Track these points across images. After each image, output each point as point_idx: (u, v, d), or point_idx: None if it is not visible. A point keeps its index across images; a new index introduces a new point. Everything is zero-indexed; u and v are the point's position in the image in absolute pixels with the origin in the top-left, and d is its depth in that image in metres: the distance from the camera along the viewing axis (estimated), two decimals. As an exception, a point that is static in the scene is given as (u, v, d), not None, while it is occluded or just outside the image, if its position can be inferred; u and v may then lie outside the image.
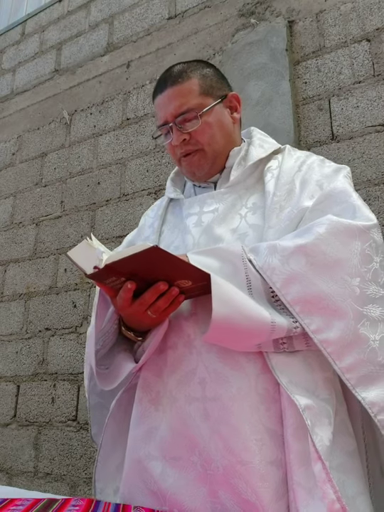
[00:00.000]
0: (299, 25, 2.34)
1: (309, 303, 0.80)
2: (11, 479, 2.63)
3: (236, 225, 0.95)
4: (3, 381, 2.85)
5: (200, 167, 1.03)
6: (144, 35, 2.93)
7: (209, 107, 1.01)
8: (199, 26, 2.69)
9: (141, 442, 0.89)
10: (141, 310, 0.82)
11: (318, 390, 0.82)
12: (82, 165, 2.97)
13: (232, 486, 0.78)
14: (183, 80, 1.01)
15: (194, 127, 1.00)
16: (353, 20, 2.20)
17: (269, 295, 0.82)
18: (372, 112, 2.04)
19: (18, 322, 2.91)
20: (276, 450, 0.79)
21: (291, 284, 0.80)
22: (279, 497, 0.77)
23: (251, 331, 0.79)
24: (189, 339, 0.88)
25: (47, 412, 2.61)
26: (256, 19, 2.44)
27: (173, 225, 1.06)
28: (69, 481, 2.42)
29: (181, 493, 0.82)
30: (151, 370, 0.92)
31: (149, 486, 0.85)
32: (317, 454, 0.74)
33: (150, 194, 2.60)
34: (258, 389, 0.82)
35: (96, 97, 3.04)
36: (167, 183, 1.15)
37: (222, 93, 1.05)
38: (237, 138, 1.08)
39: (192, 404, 0.84)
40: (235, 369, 0.83)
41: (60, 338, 2.69)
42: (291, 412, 0.78)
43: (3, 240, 3.20)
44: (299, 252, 0.82)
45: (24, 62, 3.58)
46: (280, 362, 0.81)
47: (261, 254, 0.84)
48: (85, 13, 3.31)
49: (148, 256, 0.73)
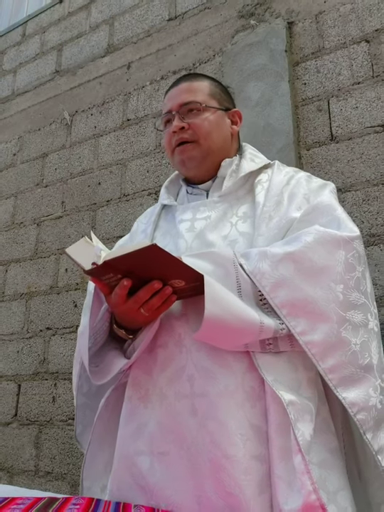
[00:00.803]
0: (298, 26, 2.35)
1: (296, 306, 0.84)
2: (11, 478, 2.64)
3: (227, 232, 0.99)
4: (4, 380, 2.86)
5: (191, 158, 1.08)
6: (144, 37, 2.94)
7: (213, 106, 1.09)
8: (199, 27, 2.69)
9: (130, 439, 0.91)
10: (135, 307, 0.84)
11: (302, 388, 0.86)
12: (83, 165, 2.98)
13: (218, 480, 0.81)
14: (196, 80, 1.12)
15: (195, 119, 1.06)
16: (352, 22, 2.20)
17: (257, 298, 0.86)
18: (371, 112, 2.05)
19: (19, 321, 2.92)
20: (260, 445, 0.83)
21: (280, 288, 0.85)
22: (262, 490, 0.80)
23: (240, 331, 0.83)
24: (179, 338, 0.91)
25: (48, 411, 2.62)
26: (255, 20, 2.44)
27: (165, 231, 1.09)
28: (70, 479, 2.43)
29: (168, 487, 0.84)
30: (140, 369, 0.95)
31: (137, 480, 0.88)
32: (298, 446, 0.78)
33: (150, 194, 2.61)
34: (244, 386, 0.86)
35: (96, 97, 3.05)
36: (161, 191, 1.19)
37: (228, 105, 1.14)
38: (231, 150, 1.13)
39: (181, 400, 0.87)
40: (223, 367, 0.86)
41: (61, 337, 2.70)
42: (275, 408, 0.82)
43: (4, 240, 3.21)
44: (287, 258, 0.87)
45: (25, 63, 3.58)
46: (266, 361, 0.85)
47: (251, 260, 0.88)
48: (86, 14, 3.31)
49: (146, 254, 0.75)
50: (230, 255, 0.89)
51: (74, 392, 1.09)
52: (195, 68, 2.65)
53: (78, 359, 1.04)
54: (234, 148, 1.15)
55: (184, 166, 1.10)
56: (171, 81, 2.71)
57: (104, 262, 0.76)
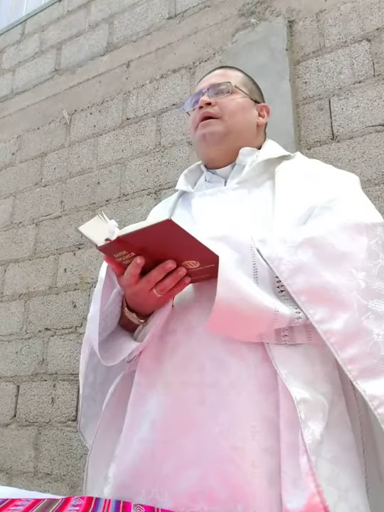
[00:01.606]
0: (299, 25, 2.34)
1: (315, 293, 0.81)
2: (10, 479, 2.63)
3: (244, 218, 0.96)
4: (3, 381, 2.85)
5: (213, 132, 1.06)
6: (144, 35, 2.93)
7: (241, 89, 1.10)
8: (199, 26, 2.69)
9: (135, 426, 0.90)
10: (147, 288, 0.82)
11: (318, 383, 0.83)
12: (82, 165, 2.97)
13: (223, 471, 0.79)
14: (231, 69, 1.17)
15: (223, 98, 1.07)
16: (353, 20, 2.20)
17: (274, 285, 0.83)
18: (372, 111, 2.04)
19: (17, 322, 2.91)
20: (271, 438, 0.80)
21: (298, 274, 0.82)
22: (271, 484, 0.77)
23: (253, 318, 0.80)
24: (190, 325, 0.88)
25: (47, 413, 2.60)
26: (256, 19, 2.43)
27: (180, 217, 1.07)
28: (69, 481, 2.42)
29: (171, 476, 0.82)
30: (149, 355, 0.92)
31: (140, 468, 0.86)
32: (304, 447, 0.75)
33: (150, 194, 2.60)
34: (257, 377, 0.83)
35: (96, 96, 3.04)
36: (180, 178, 1.18)
37: (258, 99, 1.16)
38: (254, 140, 1.12)
39: (188, 389, 0.85)
40: (237, 357, 0.84)
41: (60, 338, 2.69)
42: (286, 402, 0.79)
43: (2, 240, 3.20)
44: (307, 243, 0.84)
45: (24, 61, 3.58)
46: (281, 353, 0.82)
47: (269, 245, 0.85)
48: (85, 12, 3.31)
49: (161, 230, 0.72)
50: (246, 240, 0.86)
51: (80, 380, 1.07)
52: (195, 67, 2.64)
53: (87, 346, 1.02)
54: (258, 140, 1.14)
55: (205, 140, 1.08)
56: (171, 80, 2.70)
57: (118, 237, 0.74)
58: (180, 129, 2.60)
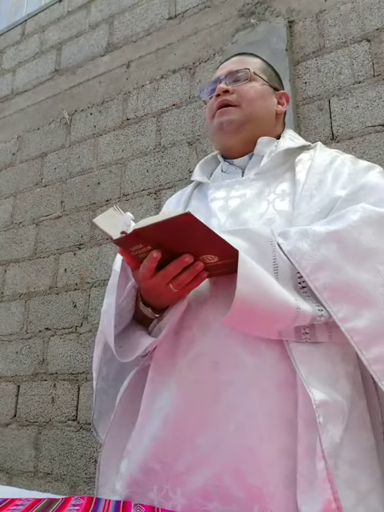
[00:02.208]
0: (299, 25, 2.34)
1: (338, 290, 0.78)
2: (11, 479, 2.63)
3: (263, 210, 0.92)
4: (4, 381, 2.85)
5: (230, 121, 1.03)
6: (144, 36, 2.93)
7: (260, 76, 1.06)
8: (199, 26, 2.69)
9: (148, 422, 0.88)
10: (164, 282, 0.80)
11: (339, 383, 0.80)
12: (82, 165, 2.97)
13: (239, 471, 0.77)
14: (249, 55, 1.12)
15: (241, 85, 1.04)
16: (352, 21, 2.20)
17: (295, 281, 0.80)
18: (372, 112, 2.04)
19: (18, 322, 2.91)
20: (289, 439, 0.76)
21: (321, 270, 0.78)
22: (288, 485, 0.75)
23: (274, 315, 0.77)
24: (205, 321, 0.86)
25: (47, 412, 2.61)
26: (256, 19, 2.44)
27: (196, 210, 1.03)
28: (69, 480, 2.42)
29: (184, 474, 0.81)
30: (164, 351, 0.90)
31: (152, 465, 0.84)
32: (322, 453, 0.72)
33: (150, 194, 2.60)
34: (276, 376, 0.80)
35: (96, 97, 3.04)
36: (195, 168, 1.15)
37: (277, 86, 1.11)
38: (273, 129, 1.08)
39: (201, 386, 0.83)
40: (254, 354, 0.81)
41: (60, 338, 2.69)
42: (306, 403, 0.76)
43: (3, 240, 3.20)
44: (330, 238, 0.80)
45: (24, 62, 3.58)
46: (301, 352, 0.79)
47: (290, 239, 0.81)
48: (85, 13, 3.31)
49: (179, 223, 0.70)
50: (267, 233, 0.82)
51: (94, 374, 1.04)
52: (195, 67, 2.64)
53: (101, 339, 1.00)
54: (277, 130, 1.09)
55: (222, 129, 1.05)
56: (171, 80, 2.70)
57: (134, 230, 0.72)
58: (180, 129, 2.60)
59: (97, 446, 2.37)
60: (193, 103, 2.59)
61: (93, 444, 2.39)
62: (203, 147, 2.46)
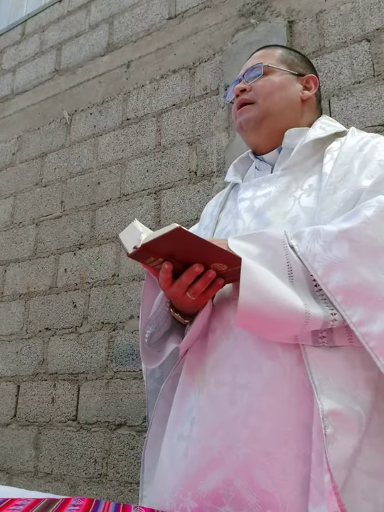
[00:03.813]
0: (299, 25, 2.34)
1: (352, 292, 0.74)
2: (11, 479, 2.63)
3: (288, 208, 0.89)
4: (3, 381, 2.85)
5: (248, 120, 1.01)
6: (144, 36, 2.93)
7: (276, 67, 1.03)
8: (199, 26, 2.69)
9: (177, 423, 0.88)
10: (181, 292, 0.80)
11: (357, 390, 0.76)
12: (82, 165, 2.97)
13: (251, 476, 0.75)
14: (269, 48, 1.10)
15: (258, 81, 1.02)
16: (353, 21, 2.20)
17: (311, 284, 0.76)
18: (372, 112, 2.04)
19: (18, 322, 2.91)
20: (306, 445, 0.74)
21: (333, 272, 0.74)
22: (302, 492, 0.72)
23: (282, 321, 0.74)
24: (228, 324, 0.85)
25: (47, 412, 2.61)
26: (256, 19, 2.44)
27: (228, 211, 1.03)
28: (69, 480, 2.42)
29: (195, 476, 0.80)
30: (194, 353, 0.91)
31: (174, 465, 0.84)
32: (327, 465, 0.69)
33: (150, 194, 2.60)
34: (292, 380, 0.77)
35: (96, 97, 3.04)
36: (229, 168, 1.13)
37: (302, 71, 1.06)
38: (300, 117, 1.03)
39: (221, 388, 0.82)
40: (270, 358, 0.79)
41: (60, 338, 2.69)
42: (318, 410, 0.73)
43: (3, 240, 3.20)
44: (342, 237, 0.76)
45: (24, 62, 3.58)
46: (317, 356, 0.75)
47: (303, 240, 0.78)
48: (85, 13, 3.31)
49: (175, 237, 0.72)
50: (280, 236, 0.80)
51: (144, 376, 1.06)
52: (195, 67, 2.64)
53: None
54: (307, 117, 1.04)
55: (242, 129, 1.03)
56: (171, 80, 2.70)
57: (142, 245, 0.75)
58: (180, 129, 2.60)
59: (96, 447, 2.38)
60: (193, 103, 2.59)
61: (93, 444, 2.40)
62: (203, 147, 2.45)
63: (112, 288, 2.58)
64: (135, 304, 2.46)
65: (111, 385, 2.42)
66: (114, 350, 2.46)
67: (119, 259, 2.60)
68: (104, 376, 2.46)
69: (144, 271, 2.47)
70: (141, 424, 2.27)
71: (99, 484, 2.31)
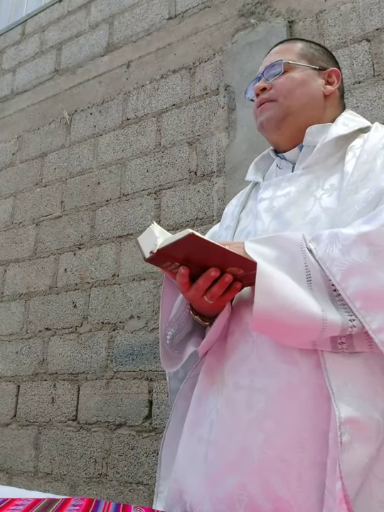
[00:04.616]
0: (299, 25, 2.34)
1: (371, 298, 0.72)
2: (11, 479, 2.63)
3: (309, 208, 0.87)
4: (4, 381, 2.85)
5: (269, 118, 0.98)
6: (144, 36, 2.93)
7: (296, 63, 0.99)
8: (199, 26, 2.69)
9: (196, 424, 0.87)
10: (198, 295, 0.79)
11: (377, 397, 0.74)
12: (82, 165, 2.97)
13: (266, 481, 0.74)
14: (288, 42, 1.06)
15: (278, 78, 0.98)
16: (352, 21, 2.20)
17: (330, 288, 0.75)
18: (372, 112, 2.04)
19: (18, 322, 2.91)
20: (321, 452, 0.72)
21: (352, 277, 0.72)
22: (316, 500, 0.71)
23: (298, 327, 0.73)
24: (247, 327, 0.84)
25: (47, 412, 2.61)
26: (256, 19, 2.44)
27: (249, 211, 1.01)
28: (69, 480, 2.42)
29: (210, 479, 0.79)
30: (214, 355, 0.90)
31: (195, 467, 0.84)
32: (340, 473, 0.67)
33: (150, 194, 2.60)
34: (310, 385, 0.76)
35: (96, 97, 3.04)
36: (250, 167, 1.10)
37: (323, 65, 1.02)
38: (323, 113, 0.99)
39: (239, 391, 0.81)
40: (288, 362, 0.78)
41: (60, 338, 2.69)
42: (334, 417, 0.71)
43: (3, 240, 3.20)
44: (361, 240, 0.73)
45: (24, 62, 3.58)
46: (335, 362, 0.74)
47: (322, 244, 0.76)
48: (85, 13, 3.31)
49: (189, 243, 0.72)
50: (298, 239, 0.78)
51: (167, 377, 1.06)
52: (195, 67, 2.64)
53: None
54: (330, 112, 1.00)
55: (263, 128, 1.00)
56: (171, 80, 2.70)
57: (158, 250, 0.74)
58: (180, 129, 2.60)
59: (96, 447, 2.38)
60: (193, 103, 2.59)
61: (93, 444, 2.39)
62: (203, 147, 2.45)
63: (111, 288, 2.58)
64: (135, 304, 2.46)
65: (111, 385, 2.42)
66: (114, 350, 2.46)
67: (119, 259, 2.60)
68: (104, 376, 2.46)
69: (144, 271, 2.48)
70: (141, 424, 2.27)
71: (99, 484, 2.31)
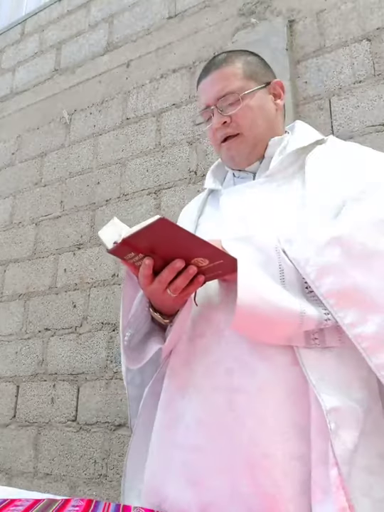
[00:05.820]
0: (299, 24, 2.34)
1: (344, 295, 0.76)
2: (10, 480, 2.63)
3: (273, 213, 0.91)
4: (3, 381, 2.84)
5: (239, 152, 1.01)
6: (144, 35, 2.92)
7: (251, 90, 1.00)
8: (199, 26, 2.68)
9: (166, 429, 0.88)
10: (161, 288, 0.80)
11: (352, 388, 0.78)
12: (82, 165, 2.96)
13: (253, 478, 0.76)
14: (226, 64, 1.02)
15: (235, 110, 0.99)
16: (353, 20, 2.19)
17: (302, 286, 0.78)
18: (372, 111, 2.04)
19: (17, 322, 2.91)
20: (303, 446, 0.76)
21: (325, 276, 0.76)
22: (302, 492, 0.74)
23: (279, 321, 0.76)
24: (218, 328, 0.86)
25: (46, 413, 2.60)
26: (256, 18, 2.43)
27: (209, 216, 1.04)
28: (69, 481, 2.41)
29: (200, 483, 0.80)
30: (179, 359, 0.90)
31: (172, 473, 0.84)
32: (335, 459, 0.70)
33: (150, 194, 2.60)
34: (287, 381, 0.79)
35: (96, 96, 3.04)
36: (207, 175, 1.13)
37: (267, 79, 1.05)
38: (278, 126, 1.06)
39: (217, 394, 0.82)
40: (264, 360, 0.80)
41: (60, 338, 2.68)
42: (317, 409, 0.75)
43: (2, 240, 3.19)
44: (334, 241, 0.78)
45: (24, 61, 3.57)
46: (311, 357, 0.78)
47: (295, 244, 0.80)
48: (85, 12, 3.30)
49: (158, 229, 0.72)
50: (272, 240, 0.81)
51: (124, 383, 1.06)
52: (195, 67, 2.63)
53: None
54: (281, 122, 1.07)
55: (233, 160, 1.04)
56: (171, 79, 2.70)
57: (122, 240, 0.75)
58: (180, 129, 2.60)
59: (96, 447, 2.37)
60: (193, 103, 2.58)
61: (92, 444, 2.39)
62: (202, 147, 2.45)
63: (111, 288, 2.57)
64: (135, 304, 2.45)
65: (111, 385, 2.42)
66: (114, 351, 2.45)
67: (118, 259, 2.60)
68: (103, 376, 2.45)
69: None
70: (141, 424, 2.27)
71: (99, 485, 2.30)
